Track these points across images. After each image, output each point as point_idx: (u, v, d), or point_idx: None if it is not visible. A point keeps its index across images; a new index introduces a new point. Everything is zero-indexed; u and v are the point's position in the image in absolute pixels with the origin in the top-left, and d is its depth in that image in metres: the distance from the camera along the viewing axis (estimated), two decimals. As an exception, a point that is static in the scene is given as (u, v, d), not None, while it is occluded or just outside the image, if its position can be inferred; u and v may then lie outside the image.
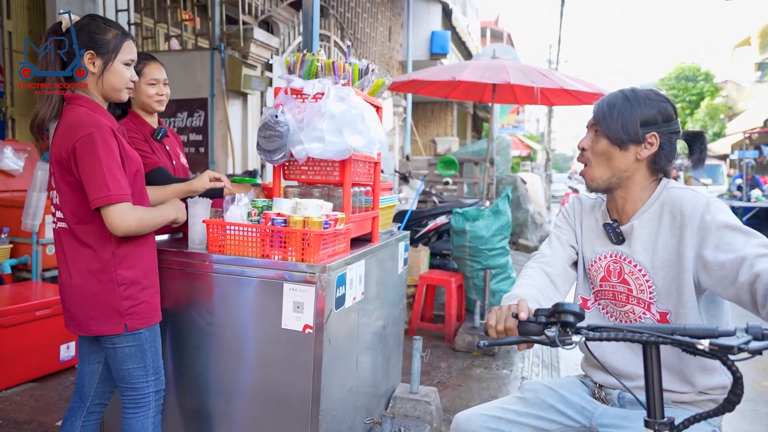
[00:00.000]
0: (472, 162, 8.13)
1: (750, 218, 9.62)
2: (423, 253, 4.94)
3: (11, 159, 4.19)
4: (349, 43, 5.09)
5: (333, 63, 2.01)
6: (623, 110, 1.46)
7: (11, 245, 3.90)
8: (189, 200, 2.00)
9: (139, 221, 1.62)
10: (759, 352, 0.94)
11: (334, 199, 2.11)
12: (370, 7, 9.67)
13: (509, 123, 20.30)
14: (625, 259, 1.51)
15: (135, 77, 1.73)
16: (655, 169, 1.49)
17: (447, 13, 12.45)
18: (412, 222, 5.25)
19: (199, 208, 2.00)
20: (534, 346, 1.46)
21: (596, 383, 1.58)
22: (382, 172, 2.74)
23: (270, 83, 5.96)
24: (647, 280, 1.47)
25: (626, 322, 1.53)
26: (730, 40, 30.31)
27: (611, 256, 1.54)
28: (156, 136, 2.29)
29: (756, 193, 10.21)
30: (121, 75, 1.67)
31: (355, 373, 2.13)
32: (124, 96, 1.72)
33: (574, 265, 1.66)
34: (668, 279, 1.43)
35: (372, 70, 2.12)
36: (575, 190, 13.60)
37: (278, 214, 1.82)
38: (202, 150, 5.53)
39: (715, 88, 27.23)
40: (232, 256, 1.86)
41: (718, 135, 24.28)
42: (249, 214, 1.90)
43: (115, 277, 1.65)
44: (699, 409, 1.42)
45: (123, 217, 1.57)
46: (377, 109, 2.21)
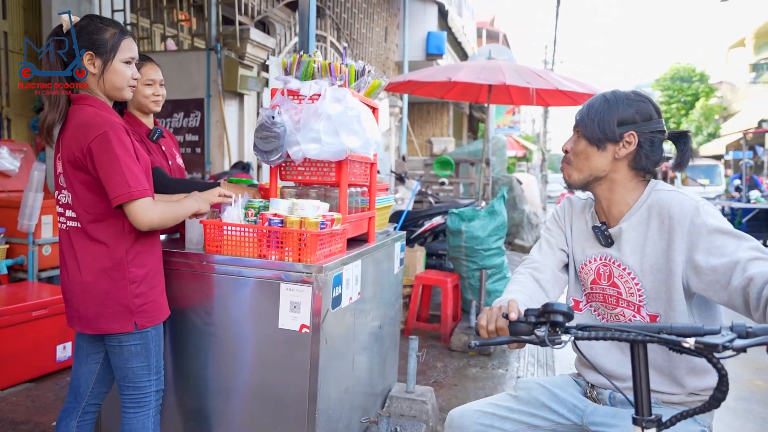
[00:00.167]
0: (468, 162, 8.16)
1: (750, 220, 9.42)
2: (419, 253, 4.96)
3: (7, 159, 4.18)
4: (345, 44, 5.10)
5: (330, 64, 2.02)
6: (600, 110, 1.47)
7: (7, 245, 3.91)
8: None
9: (162, 215, 1.64)
10: (743, 349, 0.96)
11: (331, 199, 2.13)
12: (366, 7, 9.68)
13: (505, 123, 20.31)
14: (614, 262, 1.51)
15: (137, 74, 1.72)
16: (637, 169, 1.49)
17: (443, 13, 12.48)
18: (408, 222, 5.27)
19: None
20: (529, 346, 1.48)
21: (588, 382, 1.60)
22: (379, 172, 2.75)
23: (266, 84, 5.96)
24: (636, 284, 1.47)
25: (617, 324, 1.54)
26: (725, 41, 30.48)
27: (601, 259, 1.54)
28: (152, 136, 2.30)
29: (755, 194, 10.02)
30: (121, 74, 1.67)
31: (351, 373, 2.15)
32: (127, 94, 1.71)
33: (565, 268, 1.66)
34: (657, 282, 1.44)
35: (368, 72, 2.13)
36: (571, 191, 13.54)
37: (275, 215, 1.83)
38: (198, 150, 5.53)
39: (710, 89, 27.34)
40: (229, 257, 1.87)
41: (712, 135, 24.38)
42: (246, 215, 1.91)
43: (127, 275, 1.65)
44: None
45: (146, 212, 1.59)
46: (373, 110, 2.23)
